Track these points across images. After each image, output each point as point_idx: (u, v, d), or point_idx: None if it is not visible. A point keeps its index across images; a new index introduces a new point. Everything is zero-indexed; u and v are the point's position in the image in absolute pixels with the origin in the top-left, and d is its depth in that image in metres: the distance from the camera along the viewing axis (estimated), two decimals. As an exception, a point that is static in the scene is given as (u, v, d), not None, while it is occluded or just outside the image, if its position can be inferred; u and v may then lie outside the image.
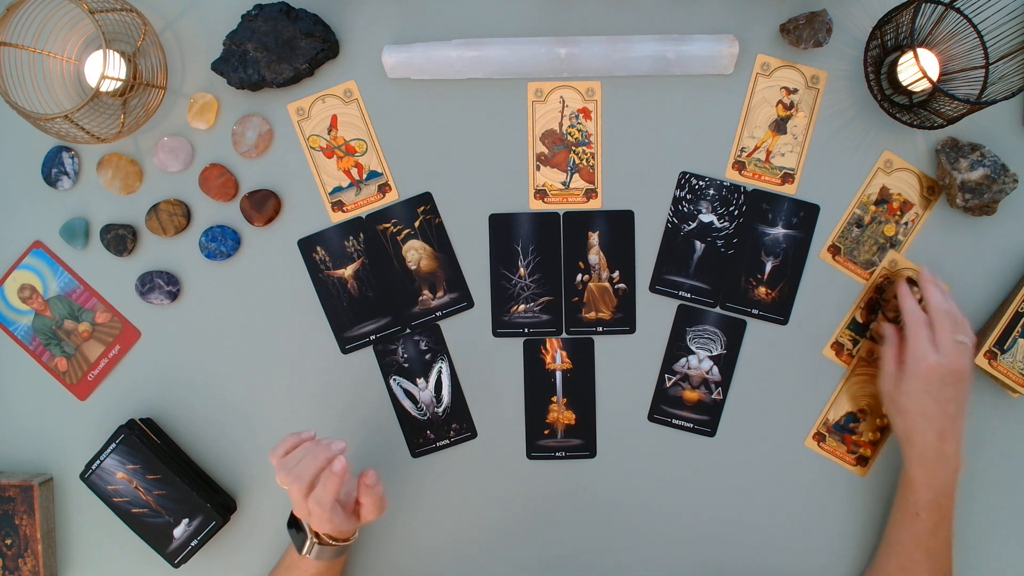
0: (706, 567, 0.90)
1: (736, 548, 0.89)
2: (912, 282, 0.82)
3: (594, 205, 0.89)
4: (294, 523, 0.81)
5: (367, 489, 0.76)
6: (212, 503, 0.87)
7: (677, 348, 0.89)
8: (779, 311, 0.88)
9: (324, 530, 0.77)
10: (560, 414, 0.90)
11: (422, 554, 0.91)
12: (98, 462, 0.87)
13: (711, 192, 0.88)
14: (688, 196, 0.88)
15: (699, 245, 0.88)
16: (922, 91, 0.85)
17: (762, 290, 0.88)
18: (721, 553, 0.90)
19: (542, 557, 0.90)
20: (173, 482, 0.86)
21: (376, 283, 0.90)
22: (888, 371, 0.81)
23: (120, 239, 0.89)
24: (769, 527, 0.89)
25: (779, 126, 0.88)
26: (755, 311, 0.88)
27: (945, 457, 0.79)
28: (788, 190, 0.88)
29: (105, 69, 0.81)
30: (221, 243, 0.89)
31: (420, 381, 0.90)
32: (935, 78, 0.84)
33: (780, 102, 0.87)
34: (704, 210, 0.88)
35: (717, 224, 0.88)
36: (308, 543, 0.79)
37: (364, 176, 0.89)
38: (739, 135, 0.88)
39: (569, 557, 0.90)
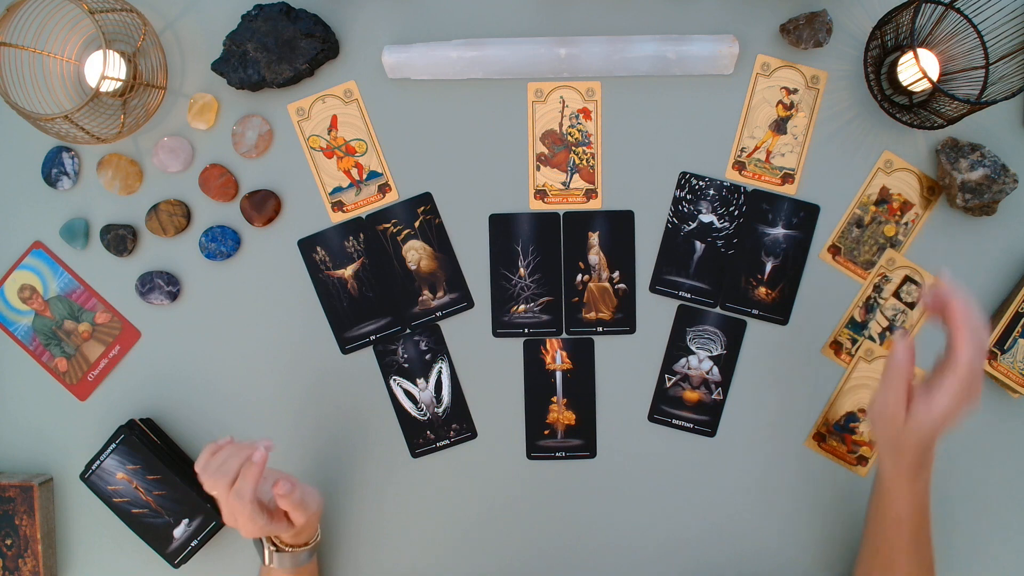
0: (706, 567, 0.90)
1: (736, 548, 0.89)
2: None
3: (594, 205, 0.89)
4: None
5: (281, 499, 0.72)
6: (212, 503, 0.87)
7: (677, 348, 0.89)
8: (779, 311, 0.88)
9: (251, 534, 0.74)
10: (560, 414, 0.90)
11: (422, 554, 0.91)
12: (98, 462, 0.87)
13: (711, 192, 0.88)
14: (688, 196, 0.88)
15: (699, 245, 0.88)
16: (922, 91, 0.85)
17: (762, 290, 0.88)
18: (721, 553, 0.90)
19: (542, 557, 0.90)
20: (173, 482, 0.86)
21: (376, 283, 0.90)
22: (896, 408, 0.69)
23: (120, 239, 0.89)
24: (769, 527, 0.89)
25: (779, 126, 0.88)
26: (755, 311, 0.88)
27: (929, 463, 0.72)
28: (788, 190, 0.88)
29: (105, 69, 0.81)
30: (221, 243, 0.89)
31: (420, 381, 0.90)
32: (935, 78, 0.84)
33: (780, 102, 0.87)
34: (704, 210, 0.88)
35: (717, 224, 0.88)
36: (267, 551, 0.79)
37: (364, 176, 0.89)
38: (739, 135, 0.88)
39: (570, 557, 0.90)
